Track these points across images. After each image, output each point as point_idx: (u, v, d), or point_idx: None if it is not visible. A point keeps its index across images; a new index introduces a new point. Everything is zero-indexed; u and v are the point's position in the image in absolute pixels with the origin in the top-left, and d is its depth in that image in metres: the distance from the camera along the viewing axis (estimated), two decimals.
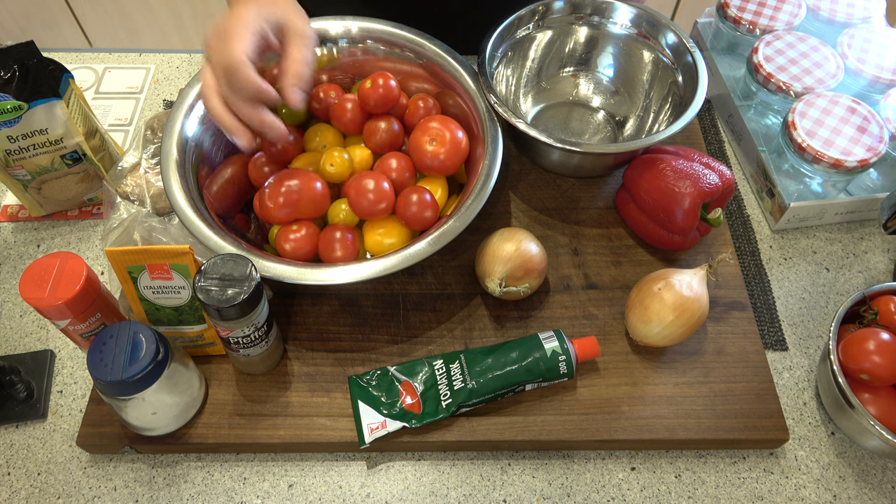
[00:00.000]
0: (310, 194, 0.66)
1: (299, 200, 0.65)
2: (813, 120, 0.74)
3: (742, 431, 0.62)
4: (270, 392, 0.65)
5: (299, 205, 0.66)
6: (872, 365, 0.59)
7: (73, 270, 0.57)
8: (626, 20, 0.81)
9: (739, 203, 0.81)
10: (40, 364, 0.68)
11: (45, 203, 0.78)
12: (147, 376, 0.54)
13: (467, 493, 0.61)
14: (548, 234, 0.75)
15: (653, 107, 0.81)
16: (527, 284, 0.66)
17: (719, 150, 0.86)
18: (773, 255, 0.77)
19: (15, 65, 0.67)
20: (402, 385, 0.63)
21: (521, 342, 0.64)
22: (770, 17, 0.85)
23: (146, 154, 0.76)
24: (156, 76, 0.94)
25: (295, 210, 0.66)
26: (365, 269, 0.61)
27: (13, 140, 0.70)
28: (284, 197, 0.65)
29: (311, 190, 0.66)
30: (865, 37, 0.82)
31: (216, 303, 0.54)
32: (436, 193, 0.69)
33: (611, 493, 0.61)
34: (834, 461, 0.63)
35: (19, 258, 0.77)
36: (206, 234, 0.62)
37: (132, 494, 0.61)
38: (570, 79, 0.86)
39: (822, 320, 0.72)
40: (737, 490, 0.62)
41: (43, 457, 0.64)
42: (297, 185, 0.65)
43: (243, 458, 0.63)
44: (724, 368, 0.66)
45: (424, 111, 0.73)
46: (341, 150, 0.69)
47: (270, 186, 0.66)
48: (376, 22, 0.76)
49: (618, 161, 0.77)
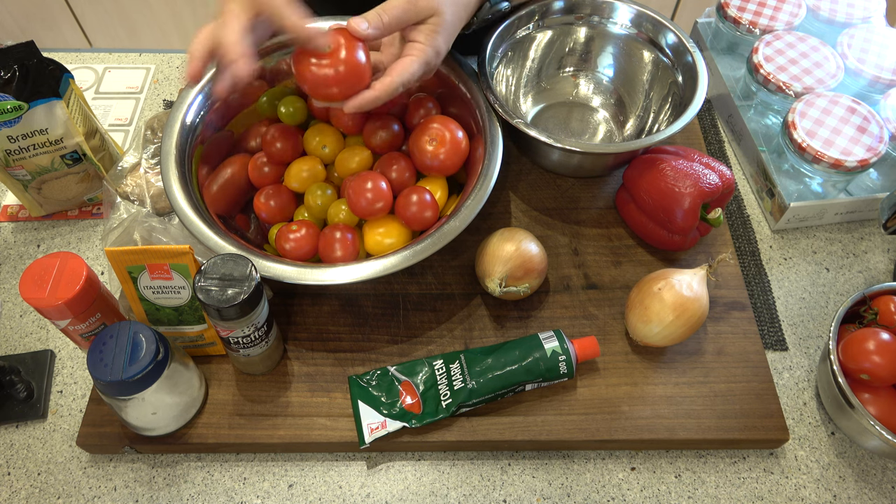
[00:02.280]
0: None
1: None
2: (813, 120, 0.74)
3: (742, 431, 0.62)
4: (270, 392, 0.65)
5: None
6: (872, 365, 0.59)
7: (73, 270, 0.57)
8: (626, 20, 0.81)
9: (739, 203, 0.81)
10: (40, 364, 0.68)
11: (45, 203, 0.78)
12: (147, 376, 0.54)
13: (467, 493, 0.61)
14: (548, 234, 0.75)
15: (653, 107, 0.81)
16: (527, 284, 0.66)
17: (719, 150, 0.86)
18: (773, 255, 0.77)
19: (15, 65, 0.67)
20: (402, 385, 0.63)
21: (521, 342, 0.64)
22: (770, 17, 0.85)
23: (146, 154, 0.76)
24: (156, 76, 0.94)
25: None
26: (365, 269, 0.61)
27: (13, 140, 0.70)
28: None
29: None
30: (865, 37, 0.82)
31: (216, 303, 0.54)
32: (436, 193, 0.69)
33: (611, 493, 0.61)
34: (834, 461, 0.63)
35: (19, 258, 0.77)
36: (206, 234, 0.62)
37: (132, 494, 0.61)
38: (570, 79, 0.86)
39: (822, 320, 0.72)
40: (737, 490, 0.62)
41: (43, 457, 0.64)
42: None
43: (243, 458, 0.63)
44: (724, 368, 0.66)
45: (424, 111, 0.73)
46: (324, 187, 0.70)
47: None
48: None
49: (618, 161, 0.77)
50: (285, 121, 0.74)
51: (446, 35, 0.63)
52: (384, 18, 0.60)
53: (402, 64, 0.61)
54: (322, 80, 0.59)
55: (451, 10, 0.63)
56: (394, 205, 0.68)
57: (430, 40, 0.62)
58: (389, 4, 0.60)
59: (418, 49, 0.62)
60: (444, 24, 0.62)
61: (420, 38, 0.62)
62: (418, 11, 0.61)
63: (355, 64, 0.59)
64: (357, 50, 0.59)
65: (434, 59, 0.63)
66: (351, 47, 0.59)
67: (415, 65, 0.61)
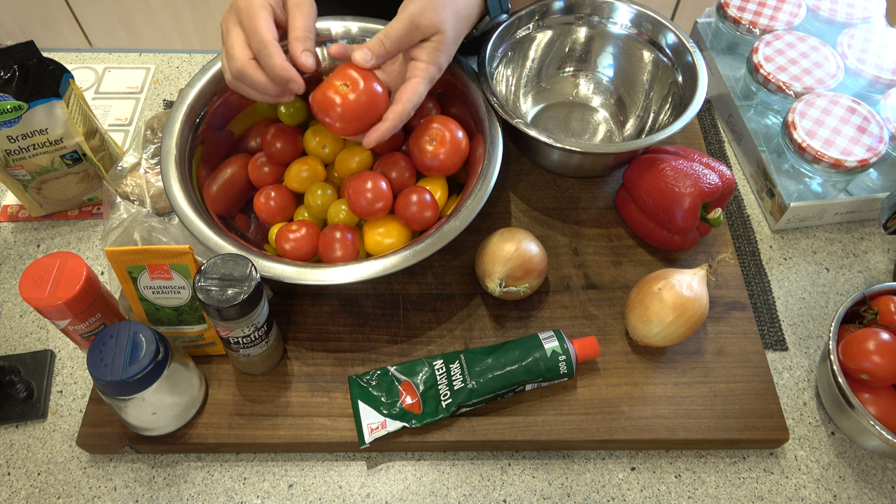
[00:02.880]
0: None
1: None
2: (813, 120, 0.74)
3: (742, 431, 0.62)
4: (270, 392, 0.65)
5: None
6: (872, 365, 0.59)
7: (73, 270, 0.57)
8: (626, 20, 0.81)
9: (739, 203, 0.81)
10: (40, 364, 0.68)
11: (45, 203, 0.78)
12: (147, 376, 0.54)
13: (467, 493, 0.61)
14: (548, 234, 0.75)
15: (653, 107, 0.81)
16: (527, 284, 0.66)
17: (719, 150, 0.86)
18: (773, 255, 0.77)
19: (15, 65, 0.67)
20: (402, 385, 0.63)
21: (521, 342, 0.64)
22: (770, 17, 0.85)
23: (146, 154, 0.76)
24: (156, 76, 0.94)
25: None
26: (365, 269, 0.61)
27: (13, 140, 0.70)
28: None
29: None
30: (865, 37, 0.82)
31: (216, 303, 0.54)
32: (436, 193, 0.69)
33: (611, 493, 0.61)
34: (834, 461, 0.63)
35: (19, 258, 0.77)
36: (206, 234, 0.62)
37: (132, 494, 0.61)
38: (570, 79, 0.86)
39: (822, 320, 0.72)
40: (737, 490, 0.62)
41: (43, 457, 0.64)
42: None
43: (243, 458, 0.63)
44: (724, 368, 0.66)
45: (424, 111, 0.73)
46: (324, 187, 0.70)
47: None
48: (376, 22, 0.76)
49: (618, 161, 0.77)
50: (285, 121, 0.74)
51: (448, 52, 0.64)
52: (386, 44, 0.61)
53: (409, 88, 0.61)
54: (343, 117, 0.62)
55: (453, 26, 0.63)
56: (394, 205, 0.68)
57: (433, 58, 0.62)
58: (391, 28, 0.61)
59: (422, 70, 0.62)
60: (447, 42, 0.62)
61: (423, 56, 0.62)
62: (422, 31, 0.61)
63: (374, 99, 0.62)
64: (373, 84, 0.62)
65: (437, 76, 0.63)
66: (367, 82, 0.61)
67: (421, 86, 0.62)
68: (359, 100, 0.61)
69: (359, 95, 0.61)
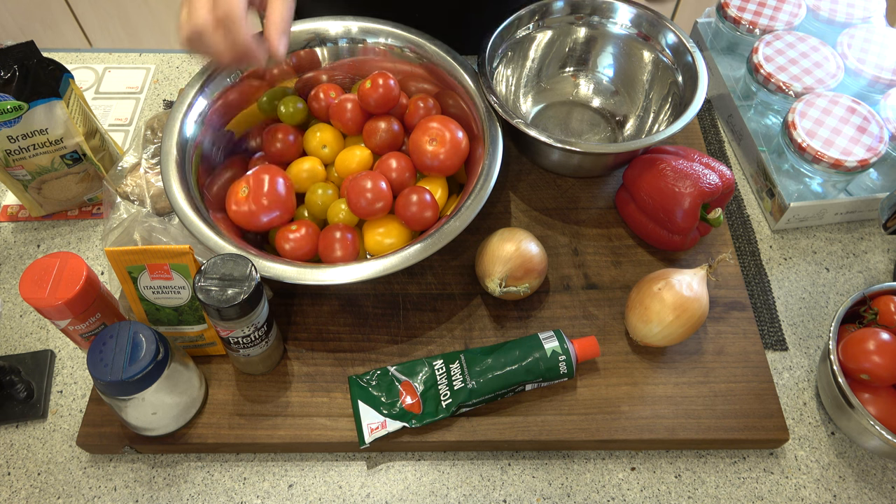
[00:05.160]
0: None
1: None
2: (813, 120, 0.74)
3: (742, 431, 0.62)
4: (270, 392, 0.65)
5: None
6: (872, 365, 0.59)
7: (73, 270, 0.57)
8: (626, 20, 0.81)
9: (739, 203, 0.81)
10: (40, 364, 0.68)
11: (45, 203, 0.78)
12: (147, 376, 0.54)
13: (467, 493, 0.61)
14: (548, 234, 0.75)
15: (653, 107, 0.81)
16: (527, 284, 0.66)
17: (719, 150, 0.86)
18: (773, 255, 0.77)
19: (15, 65, 0.67)
20: (402, 385, 0.63)
21: (521, 342, 0.64)
22: (770, 17, 0.85)
23: (146, 154, 0.76)
24: (156, 76, 0.94)
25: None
26: (365, 269, 0.61)
27: (13, 140, 0.70)
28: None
29: None
30: (865, 37, 0.82)
31: (216, 303, 0.54)
32: (436, 193, 0.69)
33: (611, 493, 0.61)
34: (834, 461, 0.63)
35: (19, 258, 0.77)
36: (206, 234, 0.62)
37: (132, 494, 0.61)
38: (570, 79, 0.86)
39: (822, 320, 0.72)
40: (737, 490, 0.62)
41: (43, 457, 0.64)
42: None
43: (243, 458, 0.63)
44: (724, 368, 0.66)
45: (424, 111, 0.73)
46: (324, 187, 0.70)
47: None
48: (376, 22, 0.76)
49: (618, 161, 0.77)
50: (285, 121, 0.74)
51: None
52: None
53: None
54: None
55: None
56: (394, 205, 0.68)
57: None
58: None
59: None
60: None
61: None
62: None
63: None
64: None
65: None
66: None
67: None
68: (448, 153, 0.68)
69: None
